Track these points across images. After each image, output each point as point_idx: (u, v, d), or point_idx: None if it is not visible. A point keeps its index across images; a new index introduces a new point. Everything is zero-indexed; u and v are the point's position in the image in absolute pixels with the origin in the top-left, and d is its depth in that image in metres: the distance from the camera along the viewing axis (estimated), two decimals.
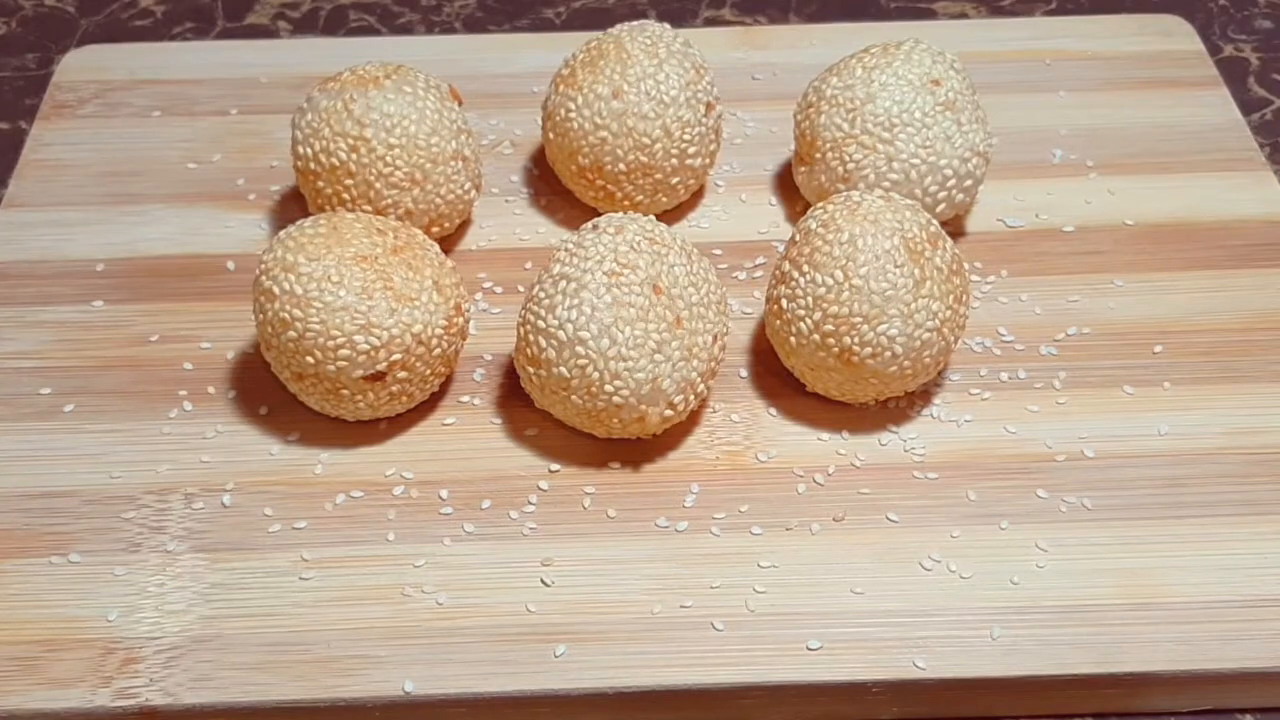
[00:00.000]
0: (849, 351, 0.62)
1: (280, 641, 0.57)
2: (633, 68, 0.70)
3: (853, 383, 0.63)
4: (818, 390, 0.65)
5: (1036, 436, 0.65)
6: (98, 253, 0.73)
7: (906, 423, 0.66)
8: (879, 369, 0.62)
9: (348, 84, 0.69)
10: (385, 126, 0.68)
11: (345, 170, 0.68)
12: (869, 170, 0.69)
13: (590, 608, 0.59)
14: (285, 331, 0.61)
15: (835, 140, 0.70)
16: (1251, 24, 0.92)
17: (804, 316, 0.62)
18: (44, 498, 0.62)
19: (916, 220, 0.63)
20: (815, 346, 0.62)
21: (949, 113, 0.69)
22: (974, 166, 0.70)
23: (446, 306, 0.63)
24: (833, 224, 0.63)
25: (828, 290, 0.62)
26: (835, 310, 0.62)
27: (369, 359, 0.61)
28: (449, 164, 0.69)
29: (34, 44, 0.90)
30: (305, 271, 0.61)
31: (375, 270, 0.61)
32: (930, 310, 0.62)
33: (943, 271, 0.62)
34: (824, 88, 0.72)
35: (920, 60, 0.71)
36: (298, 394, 0.64)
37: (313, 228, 0.63)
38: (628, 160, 0.71)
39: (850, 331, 0.61)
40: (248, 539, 0.61)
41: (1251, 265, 0.72)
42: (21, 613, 0.58)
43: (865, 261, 0.61)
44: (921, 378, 0.64)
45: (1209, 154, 0.78)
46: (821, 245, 0.62)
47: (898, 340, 0.61)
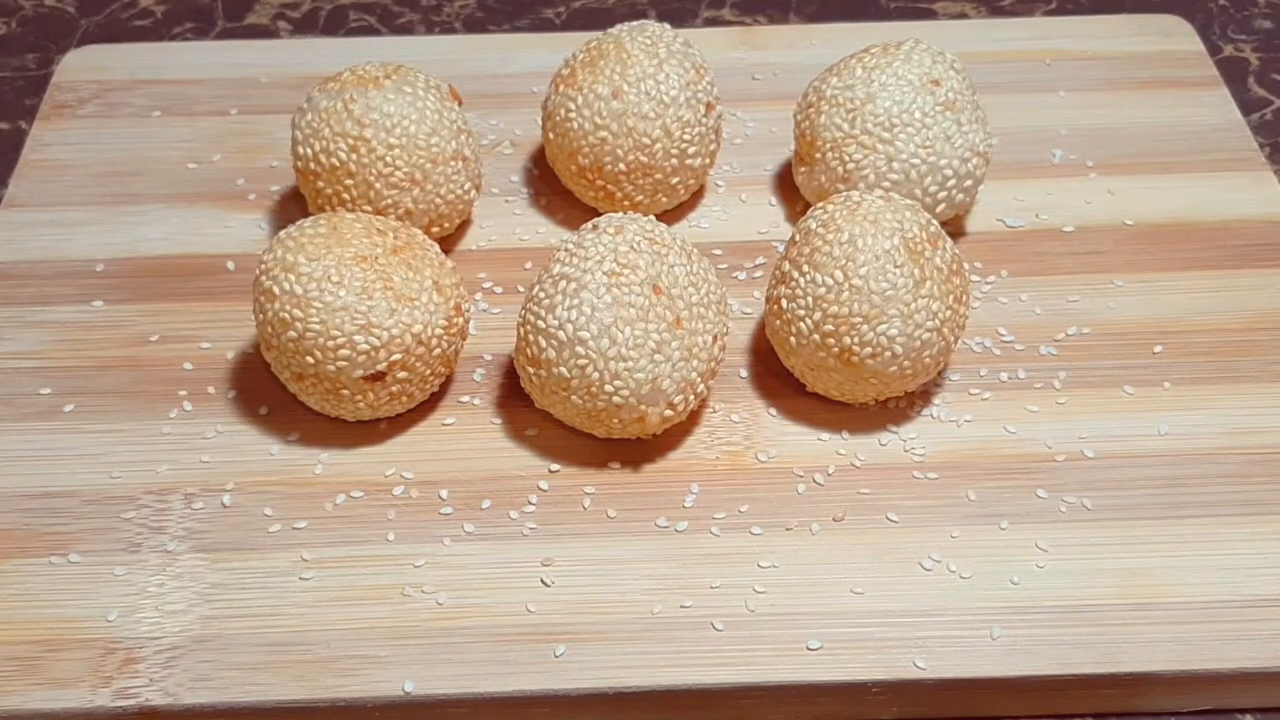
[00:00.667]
0: (849, 351, 0.62)
1: (280, 641, 0.57)
2: (633, 68, 0.70)
3: (853, 383, 0.63)
4: (818, 390, 0.65)
5: (1036, 436, 0.65)
6: (98, 253, 0.73)
7: (906, 423, 0.66)
8: (879, 369, 0.62)
9: (348, 84, 0.69)
10: (385, 127, 0.68)
11: (345, 170, 0.68)
12: (869, 170, 0.69)
13: (590, 608, 0.59)
14: (285, 331, 0.61)
15: (835, 140, 0.70)
16: (1251, 24, 0.92)
17: (804, 316, 0.62)
18: (44, 498, 0.62)
19: (916, 220, 0.63)
20: (815, 346, 0.62)
21: (949, 113, 0.69)
22: (974, 167, 0.70)
23: (446, 306, 0.63)
24: (833, 224, 0.63)
25: (828, 290, 0.62)
26: (835, 310, 0.62)
27: (369, 359, 0.61)
28: (449, 164, 0.69)
29: (34, 44, 0.90)
30: (305, 271, 0.61)
31: (375, 270, 0.61)
32: (930, 310, 0.62)
33: (943, 271, 0.62)
34: (824, 88, 0.72)
35: (920, 60, 0.71)
36: (298, 394, 0.64)
37: (313, 228, 0.63)
38: (628, 160, 0.71)
39: (850, 331, 0.61)
40: (248, 539, 0.61)
41: (1251, 265, 0.72)
42: (21, 613, 0.58)
43: (865, 261, 0.61)
44: (921, 378, 0.64)
45: (1209, 154, 0.78)
46: (821, 245, 0.62)
47: (897, 340, 0.61)
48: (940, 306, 0.62)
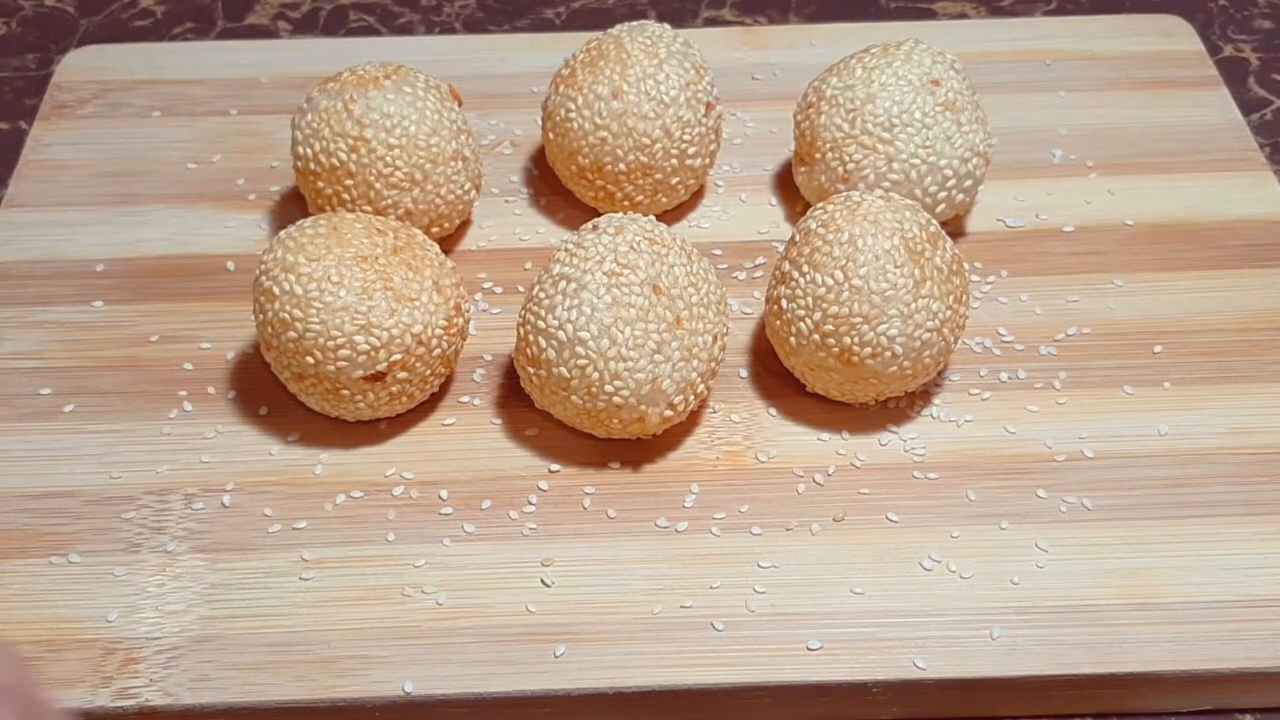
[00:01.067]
0: (849, 351, 0.62)
1: (280, 642, 0.57)
2: (633, 68, 0.70)
3: (853, 383, 0.63)
4: (818, 390, 0.65)
5: (1036, 436, 0.65)
6: (98, 253, 0.73)
7: (906, 423, 0.66)
8: (879, 369, 0.62)
9: (348, 84, 0.69)
10: (385, 127, 0.68)
11: (345, 170, 0.68)
12: (869, 170, 0.69)
13: (590, 608, 0.59)
14: (285, 332, 0.61)
15: (835, 140, 0.70)
16: (1251, 24, 0.92)
17: (804, 317, 0.62)
18: (44, 498, 0.62)
19: (916, 220, 0.63)
20: (815, 346, 0.62)
21: (949, 113, 0.69)
22: (974, 167, 0.70)
23: (446, 307, 0.63)
24: (833, 224, 0.63)
25: (828, 290, 0.62)
26: (835, 310, 0.62)
27: (369, 359, 0.61)
28: (449, 164, 0.69)
29: (34, 44, 0.90)
30: (305, 272, 0.61)
31: (375, 270, 0.61)
32: (930, 310, 0.62)
33: (943, 271, 0.62)
34: (824, 88, 0.71)
35: (920, 60, 0.71)
36: (298, 394, 0.64)
37: (313, 228, 0.63)
38: (628, 160, 0.71)
39: (850, 331, 0.61)
40: (248, 539, 0.61)
41: (1251, 265, 0.72)
42: (21, 613, 0.58)
43: (865, 262, 0.61)
44: (922, 378, 0.64)
45: (1209, 154, 0.78)
46: (821, 245, 0.62)
47: (898, 340, 0.61)
48: (940, 307, 0.62)
